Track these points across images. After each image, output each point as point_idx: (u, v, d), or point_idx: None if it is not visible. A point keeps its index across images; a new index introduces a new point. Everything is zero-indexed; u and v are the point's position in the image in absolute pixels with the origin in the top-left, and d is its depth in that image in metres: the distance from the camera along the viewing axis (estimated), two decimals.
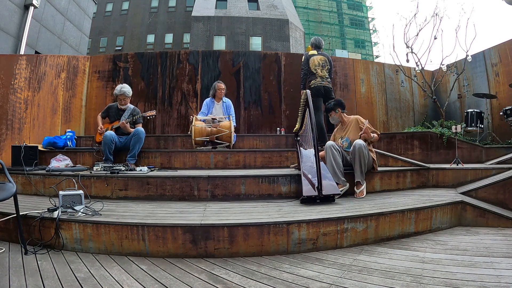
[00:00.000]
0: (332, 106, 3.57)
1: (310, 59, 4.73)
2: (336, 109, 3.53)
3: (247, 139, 5.09)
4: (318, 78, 4.64)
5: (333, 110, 3.55)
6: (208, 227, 2.12)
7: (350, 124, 3.49)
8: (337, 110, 3.53)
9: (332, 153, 3.22)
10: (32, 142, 4.64)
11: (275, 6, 18.62)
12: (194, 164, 4.09)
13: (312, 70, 4.68)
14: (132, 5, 23.39)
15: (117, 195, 3.12)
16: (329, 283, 1.67)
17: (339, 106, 3.55)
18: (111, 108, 4.36)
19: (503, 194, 3.01)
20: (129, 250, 2.14)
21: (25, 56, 5.39)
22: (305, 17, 31.64)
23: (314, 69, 4.67)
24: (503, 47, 5.58)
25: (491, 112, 5.70)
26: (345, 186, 3.17)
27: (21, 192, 3.26)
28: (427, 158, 4.78)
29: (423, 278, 1.68)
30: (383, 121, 6.49)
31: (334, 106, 3.55)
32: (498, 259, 1.92)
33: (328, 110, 3.60)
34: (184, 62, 6.06)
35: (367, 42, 35.45)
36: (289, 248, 2.17)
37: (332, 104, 3.57)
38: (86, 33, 12.71)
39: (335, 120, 3.60)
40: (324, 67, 4.71)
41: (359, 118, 3.44)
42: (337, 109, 3.53)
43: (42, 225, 2.23)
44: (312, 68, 4.68)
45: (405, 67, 6.41)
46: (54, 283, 1.67)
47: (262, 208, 2.67)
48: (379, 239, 2.37)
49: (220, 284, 1.68)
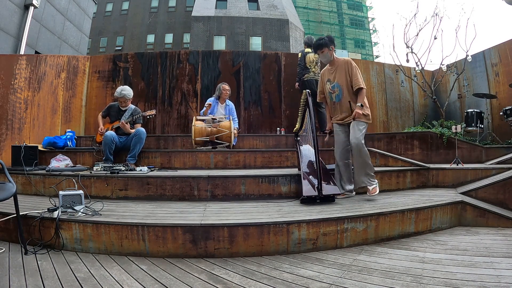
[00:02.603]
0: (325, 42, 3.18)
1: (306, 56, 5.23)
2: (330, 46, 3.18)
3: (247, 139, 5.09)
4: (311, 73, 5.20)
5: (326, 46, 3.18)
6: (208, 227, 2.12)
7: (339, 66, 3.17)
8: (330, 47, 3.18)
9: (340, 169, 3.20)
10: (32, 142, 4.64)
11: (275, 6, 18.63)
12: (194, 164, 4.09)
13: (307, 66, 5.21)
14: (132, 5, 23.39)
15: (117, 195, 3.12)
16: (329, 283, 1.67)
17: (332, 43, 3.21)
18: (112, 108, 4.36)
19: (503, 194, 3.01)
20: (129, 250, 2.14)
21: (25, 56, 5.39)
22: (305, 17, 31.65)
23: (309, 65, 5.21)
24: (503, 47, 5.58)
25: (491, 112, 5.70)
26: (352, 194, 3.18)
27: (21, 192, 3.26)
28: (427, 158, 4.77)
29: (423, 278, 1.68)
30: (383, 121, 6.49)
31: (327, 42, 3.18)
32: (498, 259, 1.92)
33: (321, 47, 3.21)
34: (184, 62, 6.06)
35: (367, 42, 35.46)
36: (289, 248, 2.17)
37: (326, 40, 3.20)
38: (86, 33, 12.71)
39: (326, 58, 3.23)
40: (317, 63, 5.24)
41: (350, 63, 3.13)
42: (330, 45, 3.18)
43: (42, 225, 2.23)
44: (307, 64, 5.21)
45: (405, 67, 6.41)
46: (54, 283, 1.67)
47: (262, 208, 2.67)
48: (379, 239, 2.37)
49: (220, 284, 1.68)
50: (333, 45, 3.21)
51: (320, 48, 3.20)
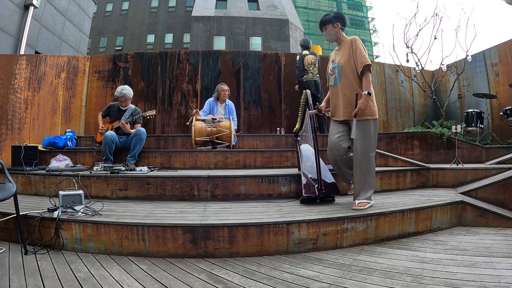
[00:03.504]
0: (329, 18, 2.72)
1: (305, 58, 5.38)
2: (335, 23, 2.70)
3: (247, 139, 5.09)
4: (309, 74, 5.36)
5: (330, 23, 2.70)
6: (208, 227, 2.12)
7: (345, 45, 2.69)
8: (335, 24, 2.70)
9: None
10: (32, 142, 4.64)
11: (275, 6, 18.63)
12: (194, 164, 4.09)
13: (306, 67, 5.36)
14: (132, 5, 23.39)
15: (117, 195, 3.12)
16: (329, 283, 1.67)
17: (338, 20, 2.71)
18: (112, 108, 4.36)
19: (503, 194, 3.01)
20: (129, 250, 2.14)
21: (25, 56, 5.39)
22: (305, 17, 31.63)
23: (307, 67, 5.36)
24: (503, 47, 5.59)
25: (491, 112, 5.70)
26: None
27: (21, 192, 3.26)
28: (427, 158, 4.78)
29: (423, 278, 1.68)
30: (383, 121, 6.49)
31: (331, 19, 2.70)
32: (498, 259, 1.92)
33: (324, 23, 2.76)
34: (184, 62, 6.06)
35: (367, 42, 35.43)
36: (289, 248, 2.17)
37: (330, 16, 2.74)
38: (86, 33, 12.71)
39: (330, 36, 2.76)
40: (315, 65, 5.41)
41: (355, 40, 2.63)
42: (335, 22, 2.70)
43: (42, 225, 2.23)
44: (306, 66, 5.36)
45: (405, 67, 6.41)
46: (54, 283, 1.67)
47: (262, 208, 2.67)
48: (379, 239, 2.37)
49: (220, 284, 1.68)
50: (339, 23, 2.71)
51: (324, 25, 2.75)
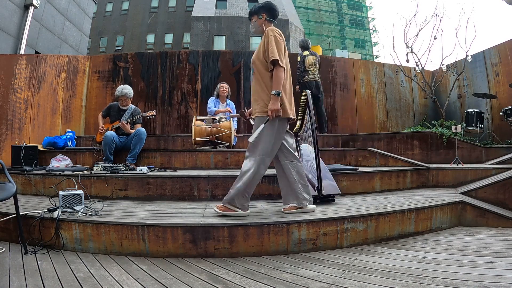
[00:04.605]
0: (254, 9, 2.54)
1: (306, 59, 5.44)
2: (260, 14, 2.50)
3: (247, 139, 5.08)
4: (310, 75, 5.41)
5: (256, 14, 2.52)
6: (208, 227, 2.12)
7: (262, 38, 2.44)
8: (261, 15, 2.50)
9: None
10: (32, 142, 4.64)
11: None
12: (194, 164, 4.09)
13: (307, 68, 5.43)
14: (132, 5, 23.41)
15: (117, 195, 3.12)
16: (329, 283, 1.67)
17: (264, 10, 2.50)
18: (112, 108, 4.36)
19: (503, 194, 3.01)
20: (129, 250, 2.14)
21: (25, 56, 5.39)
22: (305, 17, 31.65)
23: (308, 67, 5.42)
24: (503, 47, 5.59)
25: (491, 112, 5.71)
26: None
27: (21, 192, 3.26)
28: (427, 158, 4.78)
29: (423, 278, 1.68)
30: (383, 121, 6.49)
31: (257, 9, 2.52)
32: (498, 259, 1.92)
33: (249, 15, 2.59)
34: (184, 62, 6.06)
35: (367, 42, 35.46)
36: (289, 248, 2.16)
37: (255, 7, 2.54)
38: (86, 33, 12.72)
39: (254, 28, 2.56)
40: (315, 65, 5.46)
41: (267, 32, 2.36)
42: (261, 13, 2.50)
43: (42, 225, 2.23)
44: (307, 66, 5.42)
45: (405, 67, 6.41)
46: (54, 283, 1.67)
47: (262, 208, 2.67)
48: (379, 239, 2.37)
49: (220, 284, 1.68)
50: (265, 13, 2.50)
51: (250, 16, 2.58)
